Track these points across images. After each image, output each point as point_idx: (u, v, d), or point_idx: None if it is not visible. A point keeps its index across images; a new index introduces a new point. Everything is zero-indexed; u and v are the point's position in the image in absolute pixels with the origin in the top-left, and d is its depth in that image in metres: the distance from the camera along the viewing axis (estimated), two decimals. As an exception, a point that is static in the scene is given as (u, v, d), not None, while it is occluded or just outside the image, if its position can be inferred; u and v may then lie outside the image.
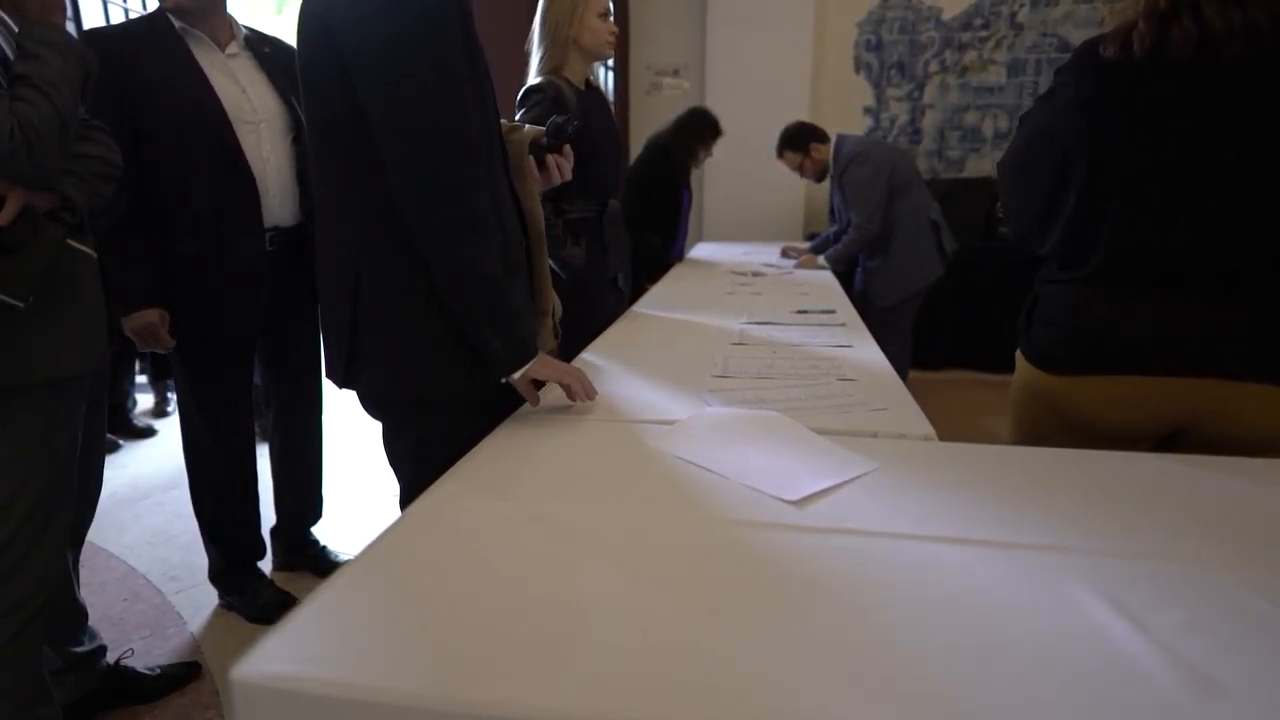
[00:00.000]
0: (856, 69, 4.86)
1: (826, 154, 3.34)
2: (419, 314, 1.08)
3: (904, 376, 2.35)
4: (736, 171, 4.61)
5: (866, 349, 1.67)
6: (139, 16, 1.85)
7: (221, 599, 2.06)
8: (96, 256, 1.29)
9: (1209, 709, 0.53)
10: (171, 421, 3.48)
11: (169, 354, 1.84)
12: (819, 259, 3.29)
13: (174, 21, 1.71)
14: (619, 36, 2.25)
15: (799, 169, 3.47)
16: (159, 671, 1.73)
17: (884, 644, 0.61)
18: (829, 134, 3.39)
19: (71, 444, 1.29)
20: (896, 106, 4.86)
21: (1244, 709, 0.54)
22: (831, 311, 2.12)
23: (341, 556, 2.25)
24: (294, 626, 0.63)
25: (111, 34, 1.66)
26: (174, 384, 2.12)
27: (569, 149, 1.33)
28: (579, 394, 1.18)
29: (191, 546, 2.19)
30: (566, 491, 0.94)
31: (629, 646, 0.60)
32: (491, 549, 0.78)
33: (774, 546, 0.78)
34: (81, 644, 1.60)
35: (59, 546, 1.30)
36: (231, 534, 2.02)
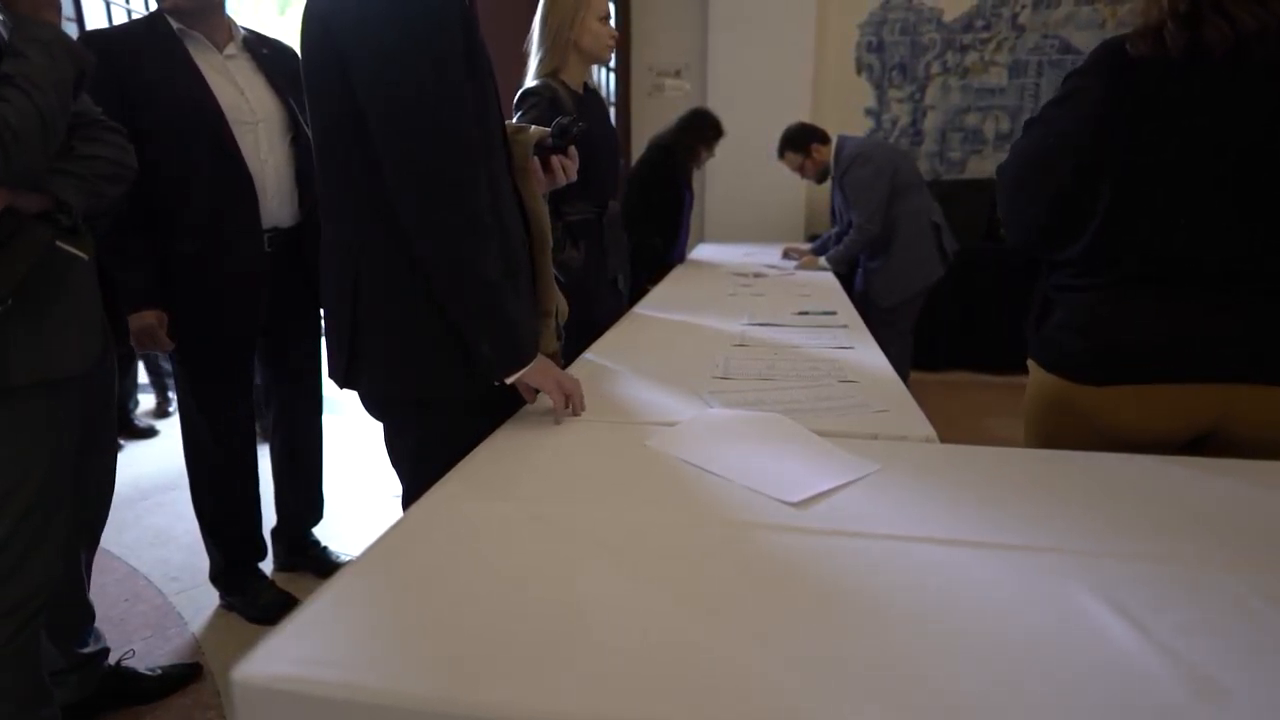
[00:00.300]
0: (858, 70, 4.86)
1: (827, 155, 3.34)
2: (419, 314, 1.08)
3: (905, 377, 2.35)
4: (738, 172, 4.61)
5: (868, 351, 1.67)
6: (139, 18, 1.85)
7: (222, 600, 2.06)
8: (94, 258, 1.27)
9: (1209, 710, 0.53)
10: (173, 422, 3.48)
11: (169, 354, 1.84)
12: (820, 260, 3.29)
13: (172, 22, 1.71)
14: (620, 37, 2.26)
15: (800, 170, 3.47)
16: (160, 672, 1.73)
17: (884, 645, 0.61)
18: (830, 135, 3.39)
19: (67, 446, 1.28)
20: (898, 108, 4.86)
21: (1244, 710, 0.54)
22: (833, 313, 2.12)
23: (342, 557, 2.25)
24: (295, 627, 0.63)
25: (111, 35, 1.66)
26: (174, 384, 2.12)
27: (574, 150, 1.33)
28: (561, 410, 1.16)
29: (193, 547, 2.19)
30: (567, 492, 0.94)
31: (629, 647, 0.60)
32: (492, 550, 0.78)
33: (774, 548, 0.78)
34: (87, 644, 1.60)
35: (58, 548, 1.30)
36: (232, 534, 2.02)
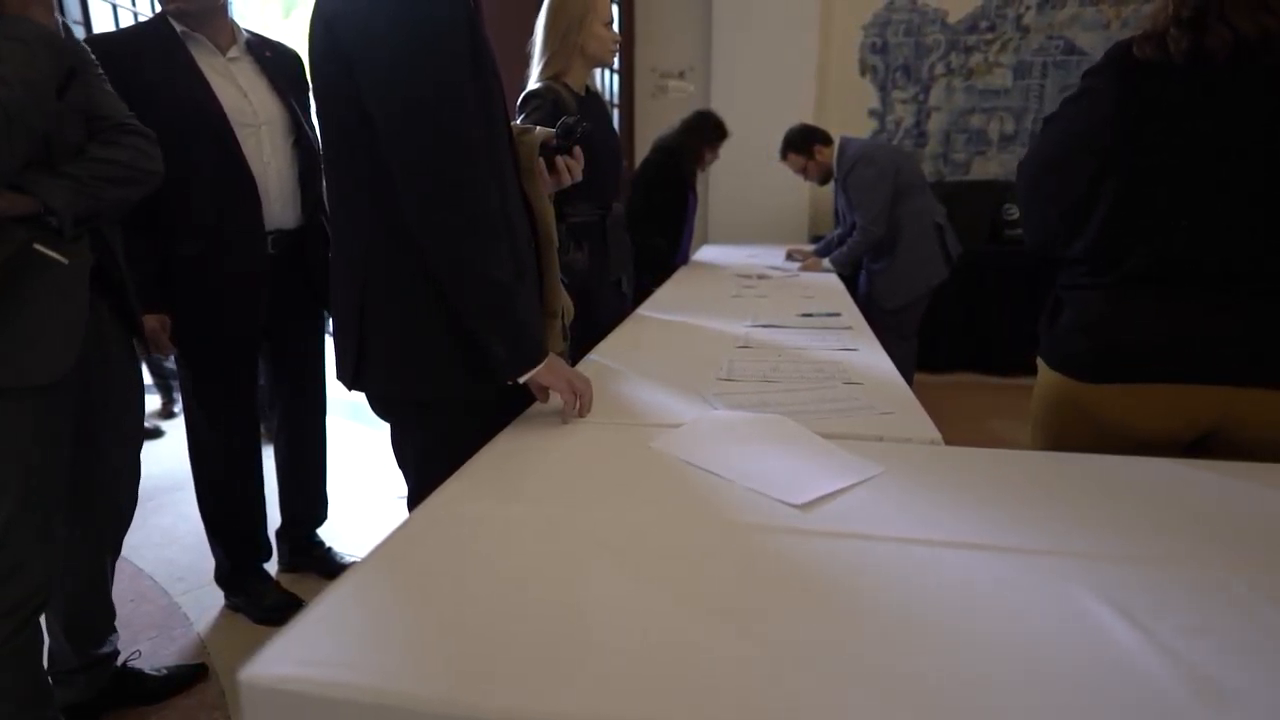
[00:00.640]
0: (862, 72, 4.85)
1: (830, 157, 3.33)
2: (425, 316, 1.08)
3: (909, 379, 2.35)
4: (741, 174, 4.60)
5: (872, 352, 1.67)
6: (144, 21, 1.86)
7: (227, 600, 2.07)
8: (83, 263, 1.25)
9: (1211, 712, 0.53)
10: (178, 423, 3.48)
11: (173, 356, 1.85)
12: (824, 262, 3.29)
13: (176, 25, 1.72)
14: (624, 39, 2.28)
15: (803, 172, 3.47)
16: (165, 673, 1.74)
17: (888, 648, 0.61)
18: (833, 137, 3.39)
19: (48, 453, 1.26)
20: (902, 109, 4.86)
21: (1249, 713, 0.54)
22: (837, 315, 2.12)
23: (347, 558, 2.25)
24: (302, 628, 0.63)
25: (114, 38, 1.67)
26: (179, 385, 2.13)
27: (579, 150, 1.34)
28: (570, 412, 1.16)
29: (198, 548, 2.20)
30: (572, 494, 0.94)
31: (633, 649, 0.61)
32: (497, 551, 0.78)
33: (779, 550, 0.78)
34: (104, 646, 1.61)
35: (58, 550, 1.31)
36: (237, 535, 2.03)
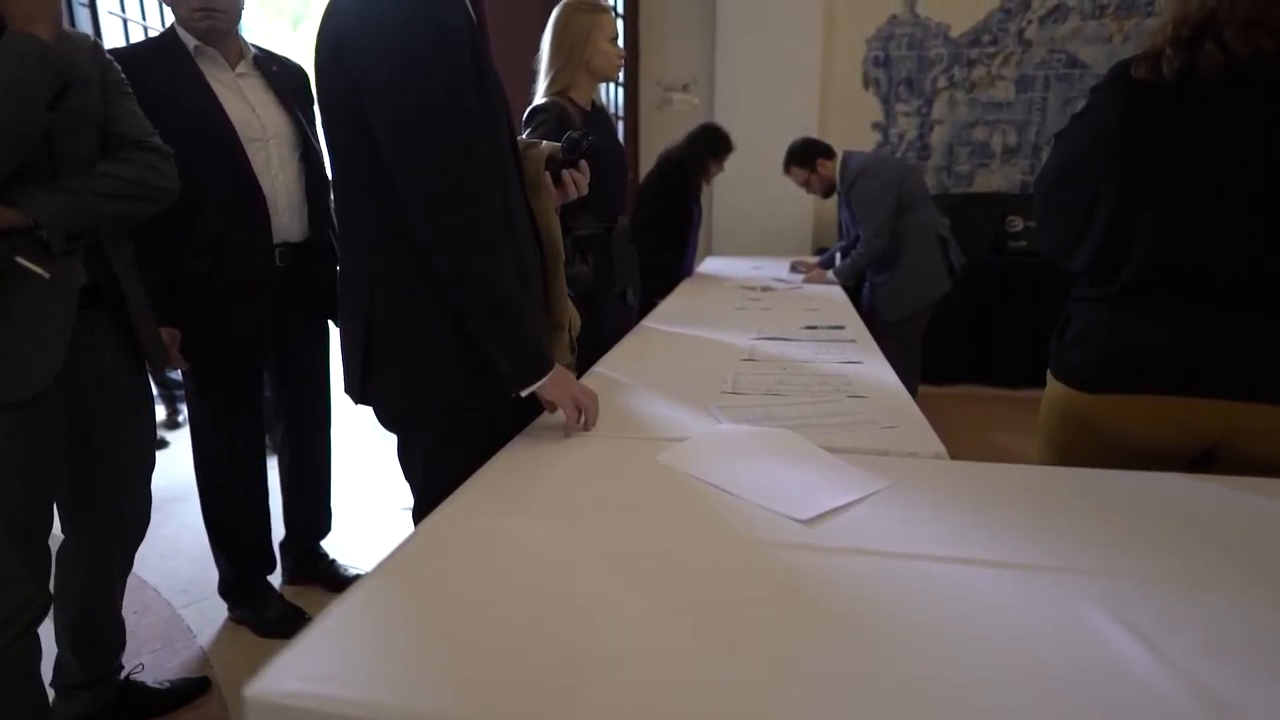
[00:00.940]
0: (865, 85, 4.88)
1: (833, 170, 3.34)
2: (431, 329, 1.09)
3: (913, 392, 2.34)
4: (745, 186, 4.62)
5: (876, 365, 1.67)
6: (155, 35, 1.87)
7: (231, 613, 2.06)
8: (70, 277, 1.24)
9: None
10: (183, 433, 3.49)
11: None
12: (827, 274, 3.29)
13: (187, 41, 1.74)
14: (628, 52, 2.31)
15: (806, 185, 3.48)
16: (168, 685, 1.73)
17: (894, 664, 0.61)
18: (835, 150, 3.40)
19: (23, 469, 1.25)
20: (905, 122, 4.88)
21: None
22: (841, 327, 2.13)
23: (351, 570, 2.24)
24: (308, 643, 0.63)
25: (124, 54, 1.68)
26: (184, 396, 2.13)
27: (585, 164, 1.34)
28: (574, 425, 1.16)
29: (202, 560, 2.19)
30: (579, 508, 0.94)
31: (639, 664, 0.60)
32: (503, 565, 0.78)
33: (784, 565, 0.78)
34: (113, 664, 1.61)
35: (48, 566, 1.31)
36: (241, 547, 2.02)
